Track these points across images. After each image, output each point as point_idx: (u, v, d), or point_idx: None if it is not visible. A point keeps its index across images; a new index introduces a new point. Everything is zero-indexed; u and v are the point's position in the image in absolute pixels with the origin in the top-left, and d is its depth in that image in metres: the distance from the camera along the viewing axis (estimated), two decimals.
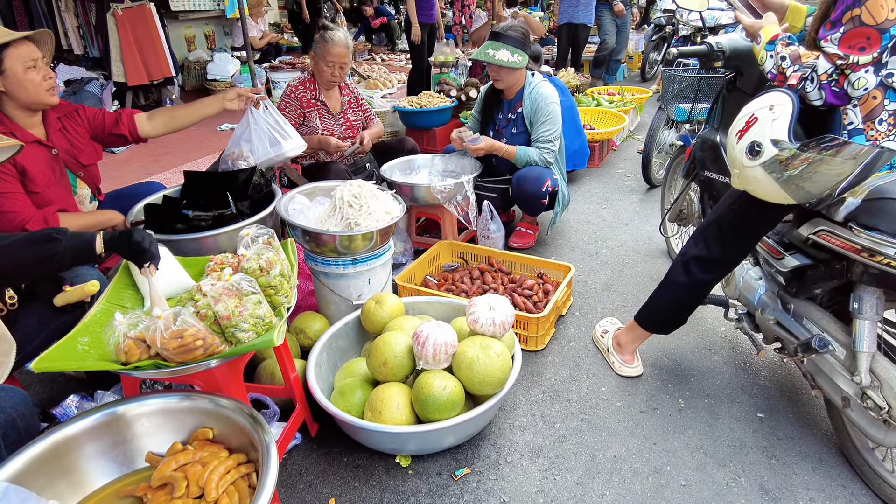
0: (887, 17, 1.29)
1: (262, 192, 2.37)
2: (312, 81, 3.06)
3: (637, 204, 3.78)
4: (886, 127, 1.43)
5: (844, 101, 1.43)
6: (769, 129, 1.46)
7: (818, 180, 1.40)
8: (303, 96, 3.02)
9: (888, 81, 1.40)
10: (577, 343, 2.36)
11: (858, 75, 1.37)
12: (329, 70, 2.95)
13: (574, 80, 5.26)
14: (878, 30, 1.31)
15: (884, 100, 1.41)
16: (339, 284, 2.21)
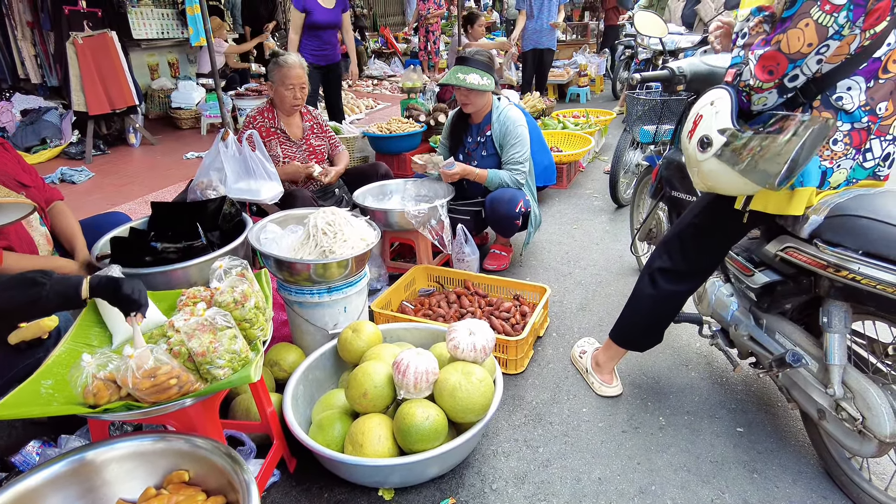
0: (800, 49, 1.34)
1: (232, 222, 2.33)
2: (271, 110, 3.04)
3: (606, 223, 3.85)
4: (842, 147, 1.49)
5: (748, 108, 1.50)
6: (714, 121, 1.51)
7: (770, 159, 1.42)
8: (261, 126, 2.99)
9: (838, 105, 1.45)
10: (557, 364, 2.36)
11: (760, 96, 1.45)
12: (290, 93, 2.94)
13: (540, 104, 5.37)
14: (788, 58, 1.37)
15: (836, 122, 1.47)
16: (314, 314, 2.17)
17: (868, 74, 1.43)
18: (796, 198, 1.50)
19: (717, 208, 1.75)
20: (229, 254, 2.06)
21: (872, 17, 1.34)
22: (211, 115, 6.24)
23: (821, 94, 1.47)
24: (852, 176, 1.52)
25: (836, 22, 1.31)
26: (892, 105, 1.47)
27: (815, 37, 1.32)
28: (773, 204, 1.55)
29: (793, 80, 1.40)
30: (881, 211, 1.39)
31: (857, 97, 1.44)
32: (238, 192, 2.50)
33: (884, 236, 1.35)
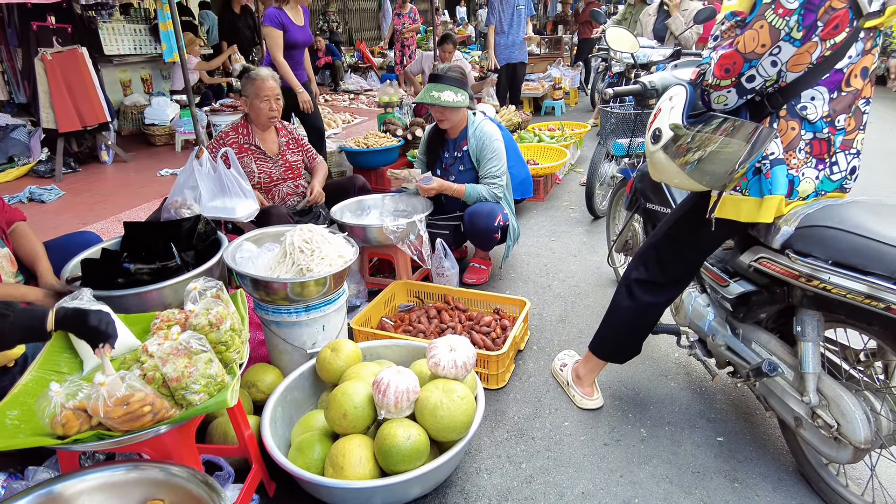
0: (755, 49, 1.39)
1: (207, 241, 2.29)
2: (245, 125, 3.02)
3: (583, 235, 3.89)
4: (804, 155, 1.53)
5: (708, 107, 1.54)
6: (668, 116, 1.57)
7: (713, 161, 1.49)
8: (234, 141, 2.97)
9: (802, 114, 1.50)
10: (538, 378, 2.36)
11: (719, 94, 1.48)
12: (266, 105, 2.93)
13: (515, 118, 5.42)
14: (743, 58, 1.41)
15: (800, 130, 1.51)
16: (292, 333, 2.14)
17: (831, 85, 1.47)
18: (765, 206, 1.54)
19: (692, 219, 1.78)
20: (204, 274, 2.02)
21: (830, 25, 1.37)
22: (185, 131, 6.17)
23: (786, 103, 1.51)
24: (821, 188, 1.56)
25: (787, 25, 1.36)
26: (851, 120, 1.52)
27: (768, 38, 1.38)
28: (744, 212, 1.58)
29: (750, 80, 1.44)
30: (848, 221, 1.43)
31: (821, 107, 1.48)
32: (213, 210, 2.47)
33: (851, 246, 1.38)
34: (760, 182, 1.55)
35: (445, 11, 16.17)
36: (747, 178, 1.57)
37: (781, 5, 1.35)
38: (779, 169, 1.52)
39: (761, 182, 1.54)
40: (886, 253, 1.31)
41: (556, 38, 10.53)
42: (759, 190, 1.55)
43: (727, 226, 1.67)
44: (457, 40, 6.22)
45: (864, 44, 1.46)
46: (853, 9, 1.37)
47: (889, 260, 1.30)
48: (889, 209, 1.51)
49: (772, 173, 1.52)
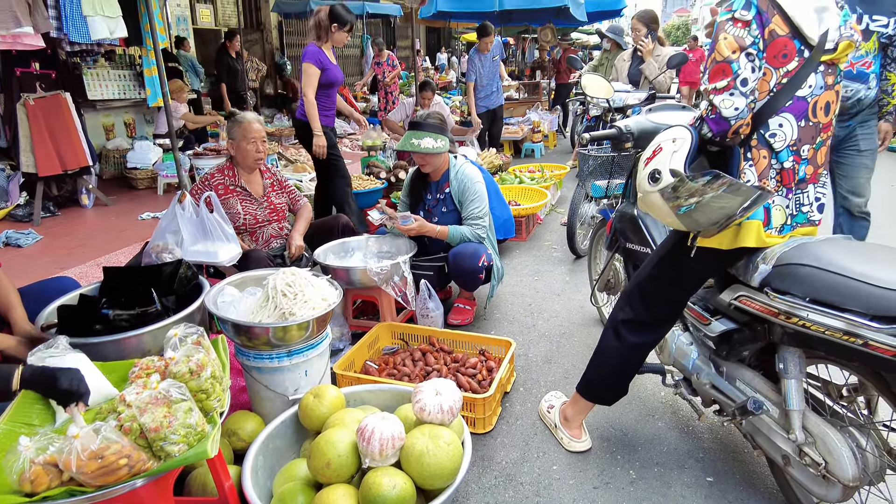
0: (730, 55, 1.47)
1: (189, 286, 2.26)
2: (231, 167, 3.03)
3: (566, 274, 3.92)
4: (775, 184, 1.59)
5: (726, 125, 1.50)
6: (669, 159, 1.56)
7: (706, 212, 1.51)
8: (220, 183, 2.98)
9: (770, 141, 1.55)
10: (525, 420, 2.33)
11: (722, 97, 1.48)
12: (252, 147, 2.96)
13: (497, 160, 5.53)
14: (727, 62, 1.48)
15: (771, 159, 1.58)
16: (274, 379, 2.10)
17: (798, 113, 1.54)
18: (744, 231, 1.58)
19: (674, 258, 1.82)
20: (185, 319, 1.99)
21: (777, 51, 1.48)
22: (168, 174, 6.17)
23: (756, 131, 1.56)
24: (795, 221, 1.62)
25: (749, 34, 1.46)
26: (814, 152, 1.59)
27: (735, 45, 1.46)
28: (726, 240, 1.62)
29: (744, 84, 1.47)
30: (822, 259, 1.46)
31: (790, 134, 1.55)
32: (195, 254, 2.45)
33: (827, 284, 1.41)
34: None
35: (427, 58, 16.64)
36: None
37: (738, 19, 1.47)
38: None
39: None
40: (861, 290, 1.34)
41: (534, 84, 10.86)
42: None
43: (709, 260, 1.71)
44: (436, 87, 6.42)
45: (823, 78, 1.53)
46: (798, 39, 1.47)
47: (864, 297, 1.33)
48: (858, 247, 1.56)
49: None
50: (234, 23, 11.64)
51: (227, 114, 3.44)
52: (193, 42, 9.86)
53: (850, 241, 1.59)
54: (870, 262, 1.41)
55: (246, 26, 12.40)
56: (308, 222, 3.19)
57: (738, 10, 1.48)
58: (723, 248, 1.63)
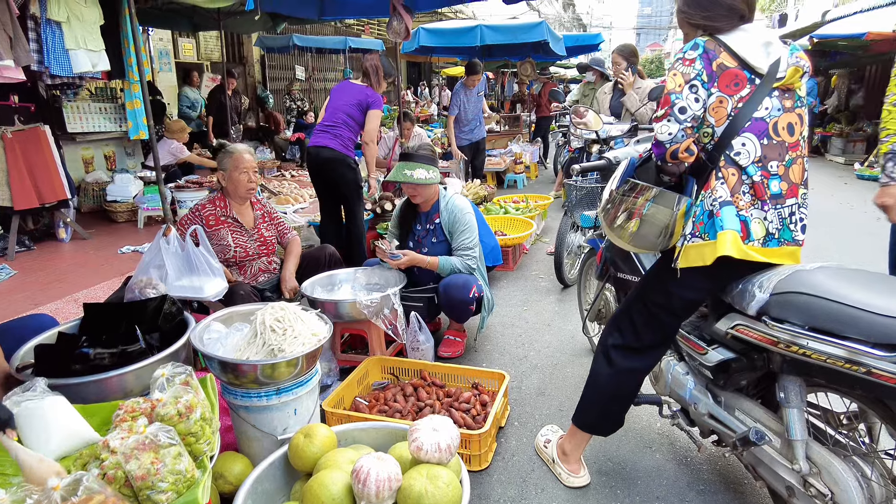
0: (675, 88, 1.66)
1: (173, 322, 2.19)
2: (222, 199, 3.00)
3: (555, 304, 3.90)
4: (749, 198, 1.66)
5: (661, 149, 1.72)
6: (610, 184, 1.88)
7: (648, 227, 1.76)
8: (210, 214, 2.93)
9: (736, 159, 1.66)
10: (521, 456, 2.27)
11: (660, 125, 1.69)
12: (245, 177, 2.93)
13: (482, 191, 5.56)
14: (669, 94, 1.67)
15: (741, 175, 1.66)
16: (262, 418, 2.02)
17: (758, 132, 1.65)
18: (720, 241, 1.63)
19: (660, 281, 1.84)
20: (170, 357, 1.92)
21: (729, 80, 1.64)
22: (149, 207, 6.08)
23: (722, 155, 1.67)
24: (783, 236, 1.67)
25: (694, 68, 1.65)
26: (786, 169, 1.67)
27: (682, 80, 1.66)
28: (708, 255, 1.66)
29: (682, 111, 1.66)
30: (819, 287, 1.47)
31: (753, 151, 1.65)
32: (180, 289, 2.38)
33: (826, 312, 1.41)
34: (714, 222, 1.66)
35: (409, 91, 16.87)
36: (703, 222, 1.69)
37: (686, 59, 1.68)
38: (727, 209, 1.65)
39: (714, 222, 1.65)
40: (860, 318, 1.34)
41: (514, 117, 11.04)
42: (714, 231, 1.66)
43: (696, 282, 1.73)
44: (414, 118, 6.50)
45: (780, 101, 1.67)
46: (747, 69, 1.64)
47: (864, 325, 1.33)
48: (852, 274, 1.57)
49: (721, 212, 1.65)
50: (217, 57, 11.71)
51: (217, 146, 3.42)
52: (176, 76, 9.89)
53: (843, 268, 1.60)
54: (867, 290, 1.41)
55: (228, 60, 12.46)
56: (298, 258, 3.14)
57: (687, 52, 1.69)
58: (707, 264, 1.66)
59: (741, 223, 1.64)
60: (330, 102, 4.11)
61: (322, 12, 6.16)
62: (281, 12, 6.23)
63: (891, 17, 8.78)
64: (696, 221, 1.70)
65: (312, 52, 12.64)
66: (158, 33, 9.82)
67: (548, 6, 23.89)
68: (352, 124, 4.00)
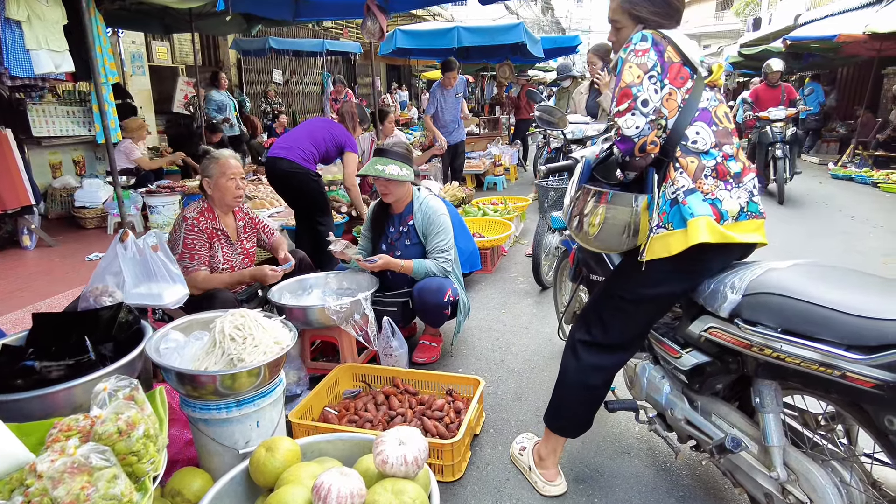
0: (633, 81, 1.62)
1: (129, 331, 2.08)
2: (210, 210, 2.85)
3: (533, 306, 3.85)
4: (712, 181, 1.65)
5: (629, 144, 1.64)
6: (570, 188, 1.84)
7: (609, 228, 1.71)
8: (206, 227, 2.79)
9: (695, 148, 1.66)
10: (496, 465, 2.20)
11: (623, 118, 1.62)
12: (233, 183, 2.81)
13: (460, 193, 5.50)
14: (629, 87, 1.63)
15: (700, 161, 1.65)
16: (222, 431, 1.92)
17: (706, 120, 1.68)
18: (690, 229, 1.61)
19: (628, 276, 1.81)
20: (124, 369, 1.81)
21: (675, 74, 1.66)
22: (119, 213, 5.91)
23: (677, 146, 1.67)
24: (750, 209, 1.67)
25: (648, 58, 1.63)
26: (737, 151, 1.71)
27: (638, 71, 1.63)
28: (674, 245, 1.63)
29: (644, 104, 1.61)
30: (791, 287, 1.42)
31: (708, 137, 1.68)
32: (138, 297, 2.27)
33: (799, 313, 1.37)
34: (680, 211, 1.63)
35: (388, 95, 16.79)
36: (666, 212, 1.66)
37: (638, 50, 1.64)
38: (693, 196, 1.63)
39: (681, 210, 1.62)
40: (834, 319, 1.30)
41: (494, 119, 11.02)
42: (681, 219, 1.63)
43: (662, 276, 1.70)
44: (394, 118, 6.42)
45: (713, 93, 1.73)
46: (689, 66, 1.68)
47: (838, 326, 1.28)
48: (827, 272, 1.53)
49: (688, 200, 1.62)
50: (192, 60, 11.52)
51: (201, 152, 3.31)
52: (150, 80, 9.69)
53: (817, 266, 1.56)
54: (841, 289, 1.37)
55: (204, 64, 12.29)
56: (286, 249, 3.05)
57: (638, 43, 1.66)
58: (672, 253, 1.64)
59: (711, 206, 1.62)
60: (306, 124, 4.16)
61: (297, 14, 6.05)
62: (254, 13, 6.12)
63: (861, 20, 8.93)
64: (659, 212, 1.67)
65: (290, 56, 12.50)
66: (131, 36, 9.62)
67: (526, 9, 24.00)
68: (320, 149, 4.04)
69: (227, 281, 2.77)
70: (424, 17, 14.43)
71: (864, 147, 10.16)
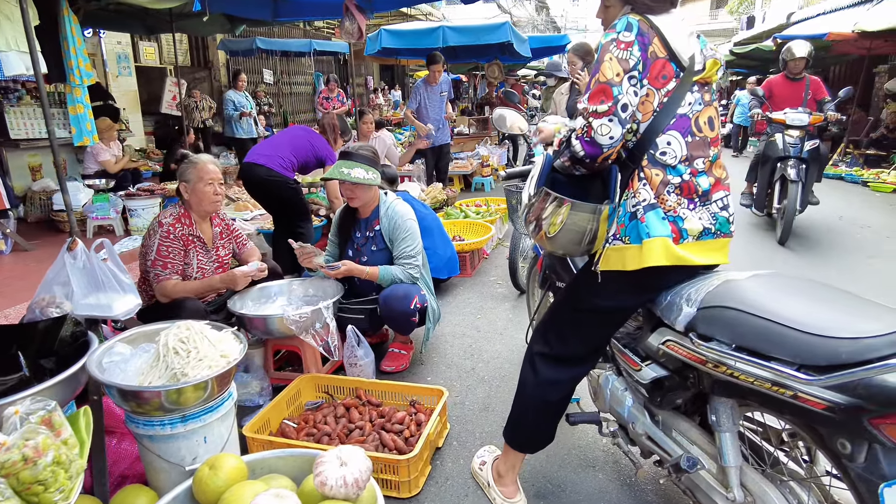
0: (613, 78, 1.47)
1: (75, 344, 2.00)
2: (187, 216, 2.75)
3: (510, 311, 3.78)
4: (675, 198, 1.54)
5: (598, 150, 1.49)
6: (528, 186, 1.68)
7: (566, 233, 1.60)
8: (182, 234, 2.70)
9: (662, 160, 1.54)
10: (456, 480, 2.13)
11: (601, 122, 1.47)
12: (211, 188, 2.71)
13: (441, 195, 5.43)
14: (609, 84, 1.47)
15: (665, 175, 1.54)
16: (167, 448, 1.85)
17: (682, 129, 1.54)
18: (646, 249, 1.51)
19: (585, 287, 1.73)
20: (62, 385, 1.73)
21: (657, 72, 1.50)
22: (98, 216, 5.84)
23: (645, 153, 1.55)
24: (719, 229, 1.57)
25: (631, 55, 1.47)
26: (711, 164, 1.57)
27: (619, 67, 1.47)
28: (629, 260, 1.54)
29: (624, 109, 1.47)
30: (747, 301, 1.35)
31: (679, 150, 1.54)
32: (87, 308, 2.19)
33: (753, 329, 1.30)
34: (638, 228, 1.53)
35: (381, 94, 16.71)
36: (625, 224, 1.56)
37: (621, 41, 1.48)
38: (652, 213, 1.53)
39: (639, 227, 1.53)
40: (786, 336, 1.23)
41: (483, 119, 10.95)
42: (637, 236, 1.53)
43: (618, 287, 1.62)
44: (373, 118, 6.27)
45: (700, 95, 1.57)
46: (674, 61, 1.51)
47: (790, 344, 1.21)
48: (788, 283, 1.46)
49: (646, 217, 1.52)
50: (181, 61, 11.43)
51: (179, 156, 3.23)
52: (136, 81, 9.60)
53: (777, 277, 1.49)
54: (796, 304, 1.30)
55: (193, 64, 12.20)
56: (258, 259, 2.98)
57: (622, 32, 1.49)
58: (627, 269, 1.55)
59: (671, 224, 1.53)
60: (287, 130, 4.10)
61: (276, 14, 5.98)
62: (232, 13, 6.04)
63: (852, 19, 8.88)
64: (618, 223, 1.58)
65: (279, 56, 12.42)
66: (116, 36, 9.53)
67: (520, 8, 23.93)
68: (300, 158, 3.99)
69: (197, 288, 2.69)
70: (417, 17, 14.35)
71: (856, 146, 10.12)
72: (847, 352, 1.13)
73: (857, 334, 1.14)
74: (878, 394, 1.09)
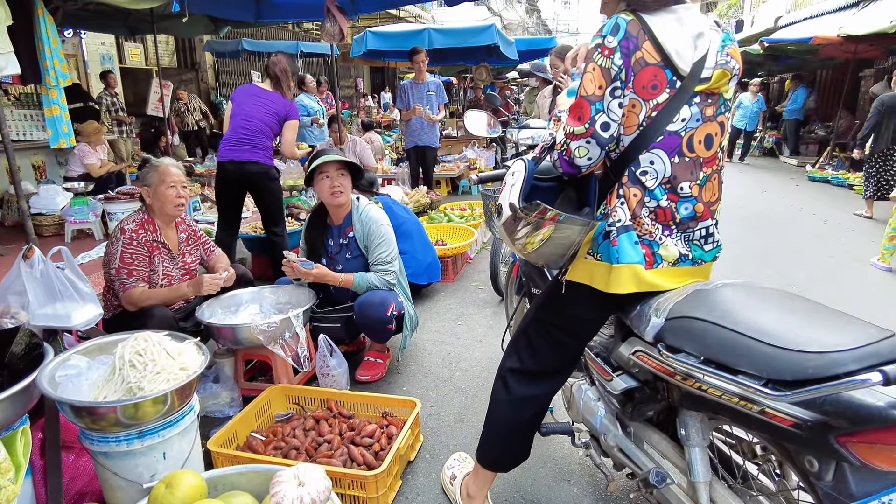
0: (594, 92, 1.36)
1: (29, 357, 1.93)
2: (151, 222, 2.68)
3: (491, 317, 3.73)
4: (650, 222, 1.45)
5: (574, 171, 1.44)
6: (508, 193, 1.50)
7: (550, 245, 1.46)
8: (146, 240, 2.62)
9: (642, 179, 1.43)
10: (427, 495, 2.07)
11: (578, 144, 1.39)
12: (173, 191, 2.64)
13: (424, 199, 5.37)
14: (588, 100, 1.37)
15: (643, 196, 1.44)
16: (124, 465, 1.78)
17: (669, 149, 1.42)
18: (614, 275, 1.44)
19: (554, 299, 1.67)
20: (8, 402, 1.66)
21: (646, 81, 1.36)
22: (77, 220, 5.73)
23: (626, 169, 1.44)
24: (698, 257, 1.49)
25: (614, 63, 1.34)
26: (699, 189, 1.46)
27: (601, 79, 1.35)
28: (597, 278, 1.48)
29: (605, 128, 1.38)
30: (716, 312, 1.30)
31: (662, 171, 1.43)
32: (44, 318, 2.12)
33: (720, 341, 1.25)
34: (609, 249, 1.45)
35: (371, 96, 16.64)
36: (598, 242, 1.48)
37: (605, 46, 1.36)
38: (625, 236, 1.44)
39: (610, 250, 1.45)
40: (754, 349, 1.18)
41: None
42: (608, 256, 1.46)
43: (587, 300, 1.54)
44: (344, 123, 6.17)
45: (700, 110, 1.41)
46: (670, 69, 1.36)
47: (757, 358, 1.16)
48: (759, 293, 1.41)
49: (618, 241, 1.43)
50: (167, 62, 11.34)
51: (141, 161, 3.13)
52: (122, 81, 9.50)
53: (747, 287, 1.44)
54: (765, 316, 1.25)
55: (180, 66, 12.12)
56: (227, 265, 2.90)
57: (606, 36, 1.36)
58: (593, 285, 1.49)
59: (645, 248, 1.44)
60: (238, 109, 3.79)
61: (259, 15, 5.91)
62: (214, 14, 5.96)
63: (837, 23, 8.93)
64: (593, 237, 1.51)
65: (265, 57, 12.33)
66: (100, 37, 9.43)
67: (510, 11, 23.95)
68: (269, 134, 3.82)
69: (165, 296, 2.61)
70: (406, 19, 14.30)
71: (842, 149, 10.16)
72: (814, 366, 1.08)
73: (825, 348, 1.09)
74: (845, 411, 1.05)
